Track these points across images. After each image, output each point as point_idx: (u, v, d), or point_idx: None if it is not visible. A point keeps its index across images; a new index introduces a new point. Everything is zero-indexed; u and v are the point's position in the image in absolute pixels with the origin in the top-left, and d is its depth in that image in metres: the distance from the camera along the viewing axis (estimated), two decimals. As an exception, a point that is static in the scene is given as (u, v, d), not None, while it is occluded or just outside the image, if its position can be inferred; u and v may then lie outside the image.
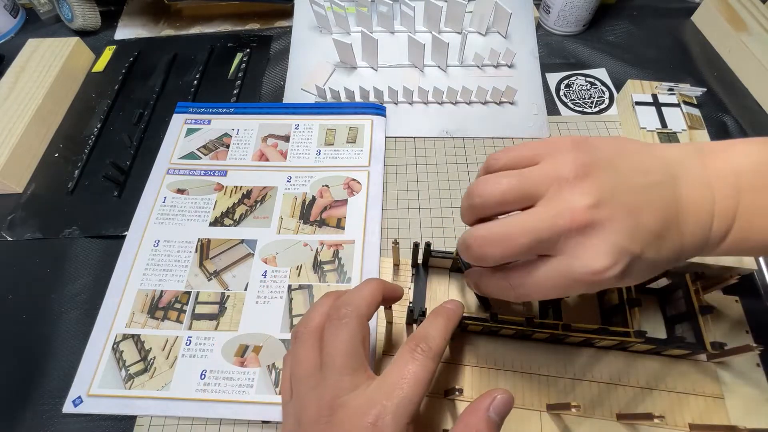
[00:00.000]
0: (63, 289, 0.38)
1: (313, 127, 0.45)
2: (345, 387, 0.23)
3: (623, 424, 0.29)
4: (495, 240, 0.22)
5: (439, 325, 0.25)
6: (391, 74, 0.49)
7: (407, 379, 0.22)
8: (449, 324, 0.26)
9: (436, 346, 0.24)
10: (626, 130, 0.44)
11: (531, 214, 0.22)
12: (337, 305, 0.25)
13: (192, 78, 0.51)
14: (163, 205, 0.41)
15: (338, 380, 0.23)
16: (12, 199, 0.43)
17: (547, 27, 0.53)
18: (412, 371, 0.22)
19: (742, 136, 0.43)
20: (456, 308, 0.27)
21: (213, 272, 0.37)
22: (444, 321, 0.26)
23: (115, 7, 0.59)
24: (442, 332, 0.25)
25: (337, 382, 0.23)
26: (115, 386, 0.32)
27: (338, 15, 0.50)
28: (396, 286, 0.28)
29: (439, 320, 0.26)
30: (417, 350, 0.23)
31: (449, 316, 0.26)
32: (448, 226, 0.39)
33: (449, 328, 0.26)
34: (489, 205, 0.23)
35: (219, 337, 0.34)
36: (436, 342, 0.24)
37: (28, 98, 0.46)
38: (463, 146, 0.44)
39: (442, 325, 0.25)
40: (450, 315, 0.26)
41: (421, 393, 0.22)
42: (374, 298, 0.26)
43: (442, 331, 0.25)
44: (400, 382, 0.22)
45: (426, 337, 0.24)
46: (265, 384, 0.32)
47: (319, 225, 0.39)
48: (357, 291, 0.26)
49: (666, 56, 0.51)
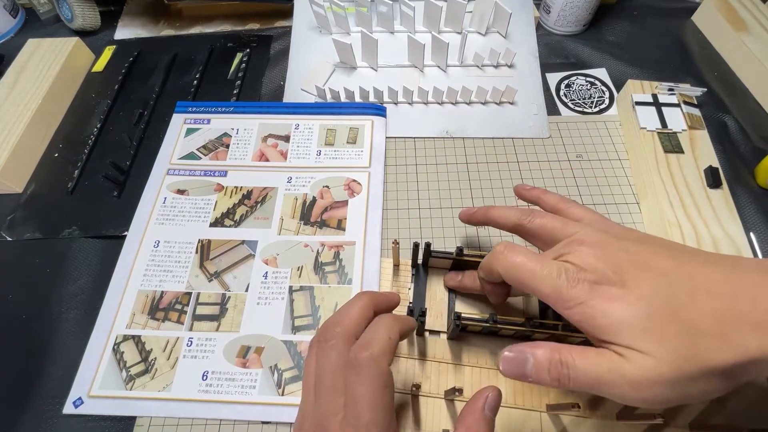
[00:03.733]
0: (63, 289, 0.38)
1: (313, 128, 0.45)
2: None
3: (623, 424, 0.29)
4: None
5: (353, 307, 0.26)
6: (391, 74, 0.49)
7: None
8: (371, 299, 0.27)
9: (344, 327, 0.25)
10: (626, 130, 0.44)
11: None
12: (325, 326, 0.25)
13: (192, 78, 0.51)
14: (163, 206, 0.41)
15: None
16: (12, 199, 0.43)
17: (547, 27, 0.53)
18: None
19: (743, 136, 0.43)
20: (391, 295, 0.29)
21: (214, 273, 0.37)
22: (365, 298, 0.27)
23: (115, 7, 0.59)
24: (356, 312, 0.26)
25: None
26: (115, 387, 0.32)
27: (338, 15, 0.50)
28: (389, 294, 0.28)
29: (358, 300, 0.26)
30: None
31: (374, 295, 0.27)
32: (448, 226, 0.39)
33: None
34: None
35: (220, 338, 0.34)
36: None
37: (28, 98, 0.46)
38: (463, 146, 0.44)
39: (386, 326, 0.25)
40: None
41: None
42: (363, 316, 0.26)
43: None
44: None
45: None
46: (267, 385, 0.32)
47: (319, 226, 0.39)
48: (345, 310, 0.26)
49: (666, 56, 0.51)
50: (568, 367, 0.22)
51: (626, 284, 0.22)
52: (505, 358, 0.23)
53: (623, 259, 0.22)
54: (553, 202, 0.30)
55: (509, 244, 0.25)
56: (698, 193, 0.37)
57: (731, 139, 0.43)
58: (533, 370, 0.22)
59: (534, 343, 0.23)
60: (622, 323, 0.21)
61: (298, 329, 0.34)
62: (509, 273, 0.25)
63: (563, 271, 0.23)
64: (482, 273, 0.28)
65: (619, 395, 0.21)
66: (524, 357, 0.23)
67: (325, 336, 0.25)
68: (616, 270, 0.22)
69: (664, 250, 0.23)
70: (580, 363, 0.22)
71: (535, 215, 0.28)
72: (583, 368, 0.21)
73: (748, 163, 0.41)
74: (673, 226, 0.35)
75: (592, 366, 0.21)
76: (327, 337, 0.25)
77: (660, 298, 0.21)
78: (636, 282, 0.22)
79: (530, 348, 0.23)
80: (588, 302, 0.22)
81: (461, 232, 0.39)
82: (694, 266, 0.22)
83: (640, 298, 0.21)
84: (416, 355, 0.33)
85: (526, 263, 0.24)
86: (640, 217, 0.39)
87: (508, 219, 0.30)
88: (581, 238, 0.24)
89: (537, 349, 0.23)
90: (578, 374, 0.21)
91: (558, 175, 0.42)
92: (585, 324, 0.22)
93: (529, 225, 0.28)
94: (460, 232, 0.39)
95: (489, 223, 0.32)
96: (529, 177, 0.42)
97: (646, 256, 0.23)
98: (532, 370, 0.22)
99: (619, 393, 0.21)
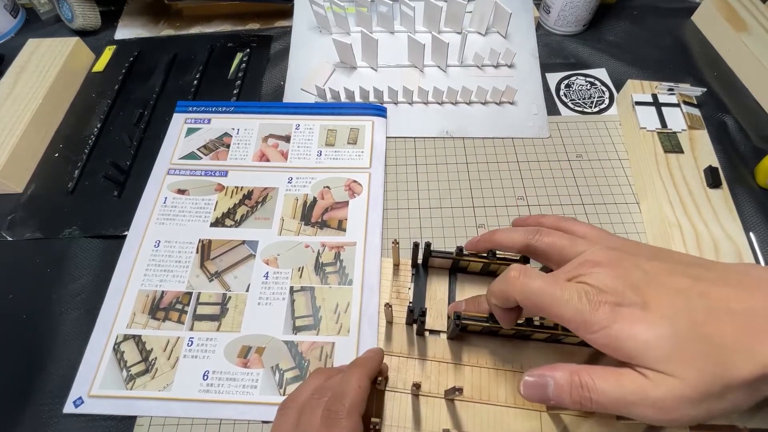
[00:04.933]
0: (63, 289, 0.38)
1: (313, 128, 0.45)
2: None
3: (623, 424, 0.29)
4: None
5: (352, 379, 0.26)
6: (391, 74, 0.49)
7: None
8: (364, 371, 0.27)
9: (350, 402, 0.25)
10: (626, 130, 0.44)
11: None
12: (332, 399, 0.25)
13: (192, 78, 0.51)
14: (163, 206, 0.41)
15: None
16: (12, 199, 0.43)
17: (547, 27, 0.53)
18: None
19: (743, 136, 0.43)
20: (374, 355, 0.29)
21: (214, 273, 0.37)
22: (358, 371, 0.27)
23: (115, 7, 0.59)
24: (355, 384, 0.26)
25: None
26: (116, 387, 0.32)
27: (338, 15, 0.50)
28: (376, 361, 0.29)
29: (353, 372, 0.27)
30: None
31: (364, 364, 0.28)
32: (448, 226, 0.39)
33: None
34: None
35: (221, 338, 0.34)
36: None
37: (28, 98, 0.46)
38: (463, 146, 0.44)
39: (356, 376, 0.26)
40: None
41: None
42: (366, 390, 0.26)
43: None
44: None
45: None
46: (269, 384, 0.32)
47: (320, 227, 0.39)
48: (345, 382, 0.26)
49: (666, 56, 0.51)
50: (589, 390, 0.22)
51: (647, 305, 0.21)
52: (525, 383, 0.23)
53: (639, 278, 0.22)
54: (554, 221, 0.30)
55: (524, 269, 0.25)
56: (698, 193, 0.37)
57: (731, 139, 0.43)
58: (554, 393, 0.23)
59: (553, 366, 0.23)
60: (647, 345, 0.21)
61: (299, 329, 0.34)
62: (528, 299, 0.24)
63: (584, 295, 0.22)
64: (494, 300, 0.27)
65: (643, 416, 0.21)
66: (544, 381, 0.23)
67: (335, 407, 0.25)
68: (635, 290, 0.22)
69: (678, 266, 0.23)
70: (601, 385, 0.22)
71: (543, 234, 0.28)
72: (604, 391, 0.21)
73: (748, 163, 0.41)
74: (672, 226, 0.35)
75: (614, 388, 0.21)
76: (337, 408, 0.25)
77: (681, 317, 0.21)
78: (657, 302, 0.21)
79: (550, 371, 0.23)
80: (612, 326, 0.21)
81: (461, 232, 0.39)
82: (708, 283, 0.22)
83: (663, 318, 0.21)
84: (416, 355, 0.33)
85: (544, 288, 0.23)
86: (639, 217, 0.39)
87: (516, 240, 0.29)
88: (595, 259, 0.24)
89: (556, 372, 0.23)
90: (599, 397, 0.21)
91: (558, 175, 0.42)
92: (610, 348, 0.22)
93: (537, 244, 0.28)
94: (460, 232, 0.39)
95: (495, 247, 0.31)
96: (529, 177, 0.42)
97: (662, 274, 0.23)
98: (554, 393, 0.23)
99: (644, 414, 0.21)
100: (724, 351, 0.20)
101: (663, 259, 0.24)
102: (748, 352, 0.20)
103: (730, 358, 0.20)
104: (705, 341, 0.20)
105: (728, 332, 0.20)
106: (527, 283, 0.24)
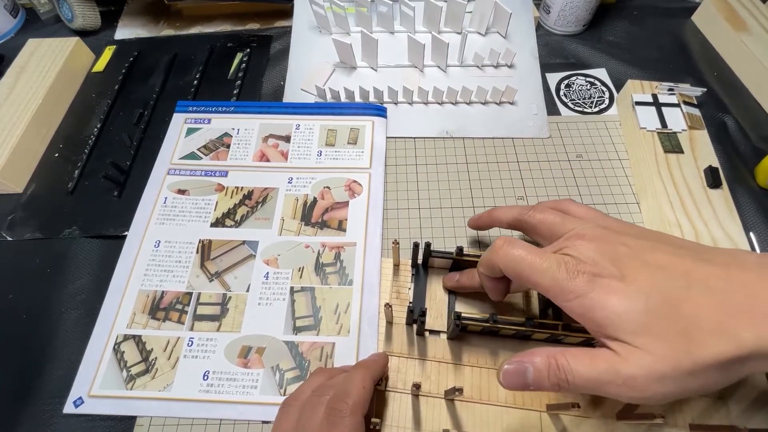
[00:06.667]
0: (63, 289, 0.38)
1: (314, 128, 0.45)
2: None
3: (623, 424, 0.29)
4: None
5: (356, 379, 0.26)
6: (391, 74, 0.49)
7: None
8: (368, 373, 0.27)
9: (354, 401, 0.25)
10: (626, 130, 0.44)
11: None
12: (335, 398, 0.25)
13: (192, 78, 0.51)
14: (164, 206, 0.41)
15: None
16: (12, 199, 0.43)
17: (547, 27, 0.53)
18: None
19: (743, 136, 0.43)
20: (379, 359, 0.29)
21: (214, 273, 0.37)
22: (362, 372, 0.27)
23: (115, 7, 0.59)
24: (359, 384, 0.26)
25: None
26: (116, 387, 0.32)
27: (338, 15, 0.50)
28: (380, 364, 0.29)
29: (358, 372, 0.27)
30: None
31: (369, 366, 0.28)
32: (448, 226, 0.39)
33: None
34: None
35: (221, 338, 0.34)
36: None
37: (28, 98, 0.46)
38: (463, 146, 0.44)
39: (360, 377, 0.26)
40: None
41: None
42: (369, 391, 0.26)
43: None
44: None
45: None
46: (269, 384, 0.32)
47: (320, 227, 0.39)
48: (347, 381, 0.26)
49: (666, 56, 0.51)
50: (565, 371, 0.22)
51: (625, 278, 0.22)
52: (505, 372, 0.23)
53: (622, 253, 0.23)
54: (552, 202, 0.31)
55: (508, 239, 0.26)
56: (698, 193, 0.37)
57: (731, 139, 0.43)
58: (533, 378, 0.23)
59: (531, 351, 0.23)
60: (620, 317, 0.21)
61: (299, 330, 0.34)
62: (509, 266, 0.25)
63: (563, 264, 0.23)
64: (482, 268, 0.28)
65: (616, 394, 0.21)
66: (523, 367, 0.23)
67: (339, 405, 0.25)
68: (615, 263, 0.22)
69: (663, 245, 0.23)
70: (576, 366, 0.22)
71: (536, 210, 0.29)
72: (580, 372, 0.22)
73: (748, 163, 0.41)
74: (673, 226, 0.35)
75: (588, 368, 0.21)
76: (340, 407, 0.25)
77: (658, 292, 0.21)
78: (635, 276, 0.22)
79: (528, 357, 0.23)
80: (587, 294, 0.22)
81: (461, 232, 0.39)
82: (691, 261, 0.22)
83: (639, 292, 0.21)
84: (416, 355, 0.33)
85: (525, 256, 0.24)
86: (639, 217, 0.39)
87: (510, 214, 0.31)
88: (581, 233, 0.24)
89: (534, 357, 0.23)
90: (575, 378, 0.22)
91: (558, 175, 0.42)
92: (584, 317, 0.22)
93: (529, 219, 0.29)
94: (460, 232, 0.39)
95: (494, 224, 0.33)
96: (529, 177, 0.42)
97: (645, 251, 0.23)
98: (533, 378, 0.23)
99: (617, 392, 0.21)
100: (698, 329, 0.20)
101: (650, 239, 0.24)
102: (723, 332, 0.20)
103: (703, 337, 0.20)
104: (680, 318, 0.20)
105: (705, 311, 0.20)
106: (510, 251, 0.25)
